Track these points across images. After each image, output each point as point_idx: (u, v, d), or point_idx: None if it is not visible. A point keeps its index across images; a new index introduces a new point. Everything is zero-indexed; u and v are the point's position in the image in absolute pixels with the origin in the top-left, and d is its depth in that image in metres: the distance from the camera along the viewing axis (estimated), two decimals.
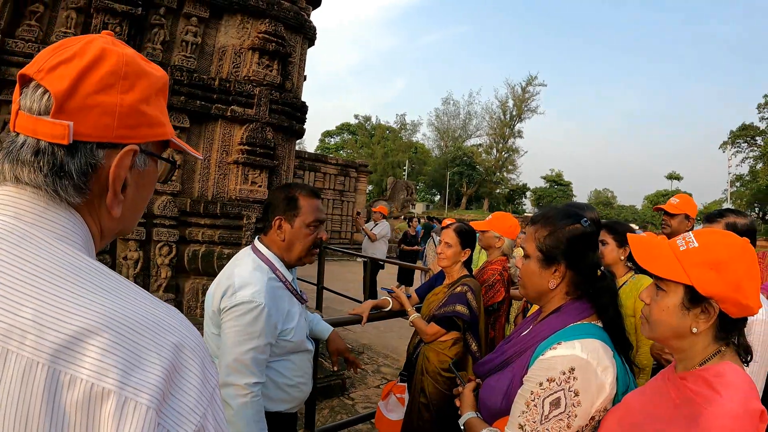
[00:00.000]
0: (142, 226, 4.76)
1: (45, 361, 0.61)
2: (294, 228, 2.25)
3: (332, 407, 5.08)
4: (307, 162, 22.05)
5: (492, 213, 4.45)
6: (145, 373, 0.64)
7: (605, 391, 1.55)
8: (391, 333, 8.18)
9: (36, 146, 0.75)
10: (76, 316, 0.64)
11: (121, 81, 0.79)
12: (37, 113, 0.75)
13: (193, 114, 5.09)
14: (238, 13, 5.35)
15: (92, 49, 0.78)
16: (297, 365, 2.33)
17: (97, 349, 0.63)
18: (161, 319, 0.71)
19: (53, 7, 4.59)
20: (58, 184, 0.75)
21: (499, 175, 67.96)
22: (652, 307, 1.41)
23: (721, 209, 2.79)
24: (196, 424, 0.67)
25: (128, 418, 0.62)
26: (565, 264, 1.76)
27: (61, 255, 0.72)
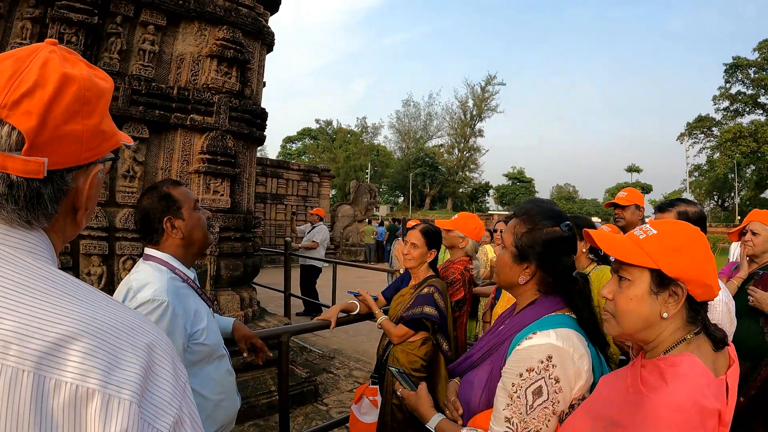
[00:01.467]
0: (105, 241, 4.67)
1: (30, 368, 0.65)
2: (186, 219, 2.14)
3: (306, 414, 5.06)
4: (269, 169, 21.91)
5: (458, 213, 4.49)
6: (125, 372, 0.69)
7: (582, 377, 1.60)
8: (360, 336, 8.19)
9: (8, 180, 0.75)
10: (56, 324, 0.68)
11: (84, 107, 0.79)
12: (7, 150, 0.74)
13: (153, 124, 5.01)
14: (195, 21, 5.30)
15: (52, 76, 0.77)
16: (214, 378, 2.14)
17: (78, 353, 0.67)
18: (133, 323, 0.76)
19: (8, 17, 4.48)
20: (31, 215, 0.77)
21: (462, 175, 68.55)
22: (618, 300, 1.40)
23: (672, 199, 2.89)
24: (173, 415, 0.72)
25: (114, 413, 0.66)
26: (536, 264, 1.80)
27: (32, 269, 0.75)
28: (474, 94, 67.48)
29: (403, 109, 76.04)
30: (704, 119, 57.76)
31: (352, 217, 24.85)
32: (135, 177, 4.93)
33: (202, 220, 2.20)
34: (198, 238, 2.18)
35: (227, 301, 5.30)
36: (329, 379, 6.22)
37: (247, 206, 5.87)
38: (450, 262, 4.05)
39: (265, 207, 21.18)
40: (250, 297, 5.67)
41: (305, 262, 10.02)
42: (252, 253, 5.87)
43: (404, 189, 69.66)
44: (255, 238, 6.17)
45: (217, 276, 5.26)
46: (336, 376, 6.40)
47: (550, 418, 1.55)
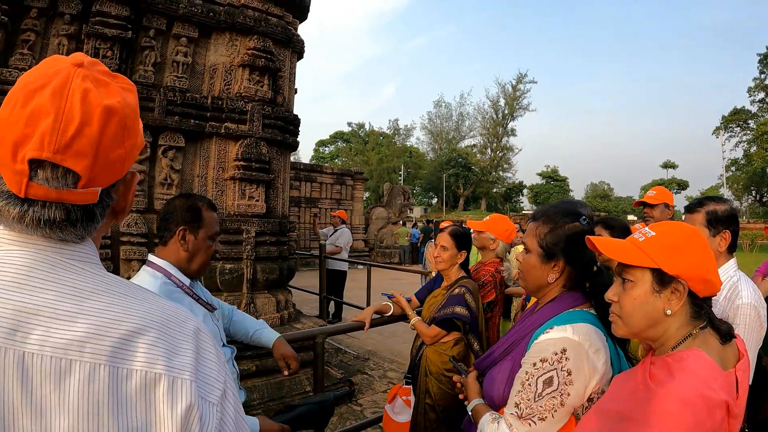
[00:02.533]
0: (144, 246, 4.84)
1: (105, 362, 0.75)
2: (198, 239, 2.20)
3: (341, 414, 5.13)
4: (302, 173, 22.09)
5: (490, 214, 4.52)
6: (183, 357, 0.81)
7: (598, 372, 1.66)
8: (395, 338, 8.23)
9: (65, 207, 0.80)
10: (122, 322, 0.78)
11: (126, 132, 0.84)
12: (63, 187, 0.78)
13: (188, 133, 5.18)
14: (226, 31, 5.45)
15: (96, 111, 0.79)
16: None
17: (144, 344, 0.78)
18: (179, 314, 0.87)
19: (44, 34, 4.68)
20: (85, 232, 0.85)
21: (495, 175, 67.90)
22: (623, 301, 1.46)
23: (700, 198, 2.86)
24: (220, 388, 0.84)
25: (179, 392, 0.78)
26: (564, 260, 1.87)
27: (90, 275, 0.83)
28: (505, 92, 66.90)
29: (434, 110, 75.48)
30: (740, 112, 56.26)
31: (386, 219, 24.91)
32: (172, 184, 5.10)
33: (210, 250, 2.26)
34: (198, 262, 2.23)
35: (263, 303, 5.41)
36: (363, 380, 6.28)
37: (282, 211, 5.99)
38: (481, 263, 4.08)
39: (299, 211, 21.31)
40: (285, 300, 5.78)
41: (332, 266, 9.95)
42: (287, 256, 5.98)
43: (438, 190, 69.27)
44: (290, 242, 6.27)
45: (253, 279, 5.38)
46: (370, 377, 6.45)
47: (558, 408, 1.62)
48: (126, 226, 4.81)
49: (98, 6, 4.68)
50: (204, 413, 0.80)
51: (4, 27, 4.47)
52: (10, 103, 0.78)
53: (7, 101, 0.78)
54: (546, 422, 1.63)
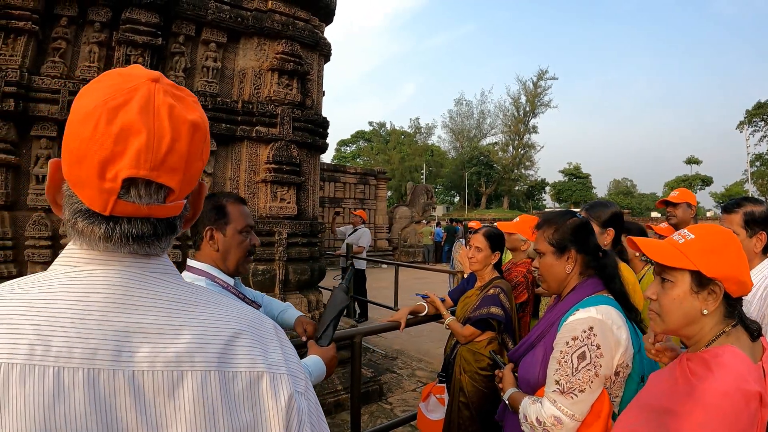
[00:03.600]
0: (178, 249, 4.95)
1: (214, 367, 0.80)
2: (227, 236, 2.15)
3: (371, 412, 5.19)
4: (326, 173, 22.15)
5: (520, 215, 4.53)
6: (275, 354, 0.88)
7: (622, 345, 1.91)
8: (422, 337, 8.26)
9: (154, 222, 0.83)
10: (221, 329, 0.84)
11: (205, 146, 0.86)
12: (156, 203, 0.80)
13: (220, 137, 5.28)
14: (254, 36, 5.54)
15: (184, 128, 0.80)
16: None
17: (244, 347, 0.84)
18: (257, 314, 0.94)
19: (75, 42, 4.79)
20: (168, 243, 0.88)
21: (517, 172, 67.22)
22: (662, 300, 1.53)
23: (737, 199, 2.86)
24: (304, 379, 0.91)
25: (280, 386, 0.85)
26: (575, 249, 2.15)
27: (177, 287, 0.87)
28: (526, 89, 66.11)
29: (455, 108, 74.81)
30: (764, 105, 54.85)
31: (410, 218, 24.94)
32: None
33: (244, 244, 2.19)
34: (233, 260, 2.18)
35: (295, 304, 5.47)
36: (393, 379, 6.34)
37: (313, 212, 6.07)
38: (513, 264, 4.09)
39: (323, 211, 21.35)
40: (317, 300, 5.84)
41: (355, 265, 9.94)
42: (318, 257, 6.06)
43: (460, 189, 68.75)
44: (320, 243, 6.35)
45: (285, 280, 5.46)
46: (399, 375, 6.51)
47: (593, 379, 1.85)
48: None
49: (128, 13, 4.79)
50: (299, 401, 0.88)
51: (35, 36, 4.58)
52: (91, 120, 0.75)
53: (86, 118, 0.76)
54: (585, 393, 1.85)
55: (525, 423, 2.00)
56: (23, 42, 4.48)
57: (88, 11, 4.77)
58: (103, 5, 4.76)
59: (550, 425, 1.88)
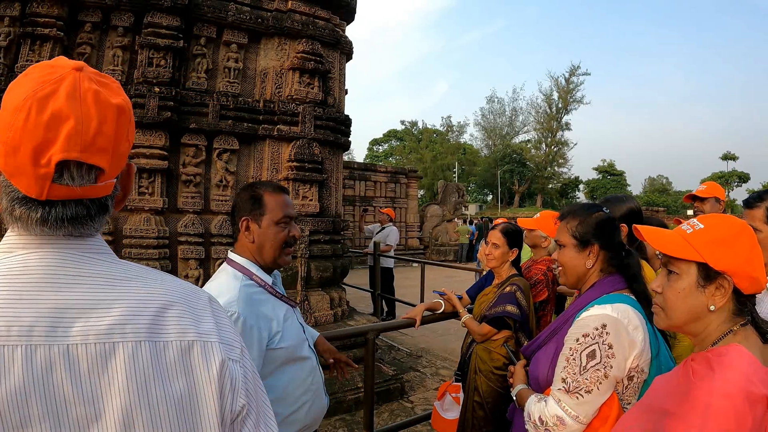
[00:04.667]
0: (201, 246, 5.04)
1: (145, 338, 0.84)
2: (262, 227, 2.08)
3: (392, 410, 5.18)
4: (356, 172, 22.22)
5: (540, 211, 4.46)
6: (206, 323, 0.92)
7: (636, 347, 1.78)
8: (447, 335, 8.22)
9: (86, 203, 0.88)
10: (150, 302, 0.88)
11: (130, 126, 0.92)
12: (87, 184, 0.85)
13: (242, 136, 5.36)
14: (275, 36, 5.60)
15: (110, 111, 0.85)
16: (295, 380, 2.07)
17: (174, 317, 0.88)
18: (192, 287, 0.98)
19: (99, 47, 4.95)
20: (100, 224, 0.93)
21: (551, 170, 66.19)
22: (667, 294, 1.43)
23: (760, 192, 2.74)
24: (239, 347, 0.96)
25: (211, 353, 0.89)
26: (598, 244, 2.05)
27: (110, 264, 0.91)
28: (558, 86, 64.86)
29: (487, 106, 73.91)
30: None
31: (441, 217, 24.84)
32: (227, 186, 5.27)
33: (280, 236, 2.10)
34: (268, 253, 2.10)
35: (317, 301, 5.52)
36: (416, 377, 6.32)
37: (336, 210, 6.10)
38: (533, 261, 4.03)
39: (354, 210, 21.43)
40: (339, 297, 5.87)
41: (383, 264, 9.87)
42: (341, 254, 6.08)
43: (492, 187, 68.15)
44: (344, 241, 6.36)
45: (307, 277, 5.50)
46: (422, 374, 6.49)
47: (602, 380, 1.75)
48: (183, 226, 5.03)
49: (150, 18, 4.92)
50: (232, 368, 0.92)
51: (61, 42, 4.76)
52: (22, 111, 0.79)
53: (17, 110, 0.80)
54: (592, 394, 1.75)
55: (528, 422, 1.93)
56: (49, 48, 4.65)
57: (111, 16, 4.92)
58: (126, 10, 4.90)
59: (552, 425, 1.81)
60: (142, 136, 4.81)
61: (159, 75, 4.92)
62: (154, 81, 4.90)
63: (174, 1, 4.92)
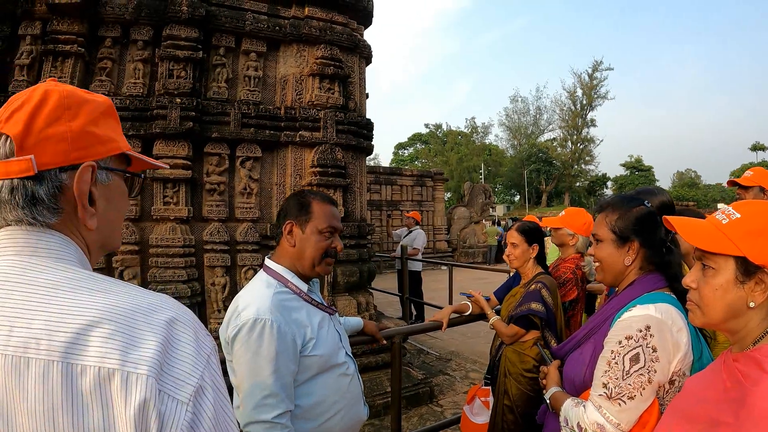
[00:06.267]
0: (227, 253, 5.08)
1: (58, 358, 0.74)
2: (305, 234, 2.07)
3: (421, 415, 5.14)
4: (382, 176, 22.26)
5: (565, 209, 4.39)
6: (142, 349, 0.76)
7: (681, 349, 1.67)
8: (478, 338, 8.15)
9: (10, 185, 0.87)
10: (77, 316, 0.77)
11: (66, 112, 0.91)
12: (5, 157, 0.87)
13: (264, 143, 5.38)
14: (293, 43, 5.63)
15: (37, 94, 0.90)
16: (331, 385, 2.05)
17: (98, 338, 0.75)
18: (152, 304, 0.83)
19: (120, 61, 5.06)
20: (34, 211, 0.88)
21: (577, 168, 65.42)
22: (703, 290, 1.30)
23: None
24: (194, 385, 0.79)
25: (132, 388, 0.74)
26: (638, 241, 1.94)
27: (57, 272, 0.85)
28: (582, 82, 64.02)
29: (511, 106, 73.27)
30: None
31: (468, 219, 24.70)
32: (252, 193, 5.30)
33: (321, 245, 2.08)
34: (307, 260, 2.08)
35: (344, 305, 5.51)
36: (445, 381, 6.28)
37: (361, 214, 6.09)
38: (561, 260, 3.96)
39: (381, 214, 21.44)
40: (366, 301, 5.85)
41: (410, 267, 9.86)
42: (367, 259, 6.06)
43: (519, 187, 67.59)
44: (369, 245, 6.34)
45: (334, 282, 5.50)
46: (452, 377, 6.45)
47: (646, 386, 1.64)
48: (209, 235, 5.07)
49: (168, 30, 5.00)
50: (166, 411, 0.76)
51: (82, 57, 4.87)
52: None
53: None
54: (635, 401, 1.64)
55: (565, 427, 1.85)
56: (71, 64, 4.76)
57: (131, 31, 5.04)
58: (145, 24, 5.00)
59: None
60: (165, 147, 4.87)
61: (180, 86, 4.97)
62: (175, 92, 4.96)
63: (192, 13, 4.99)
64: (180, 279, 4.81)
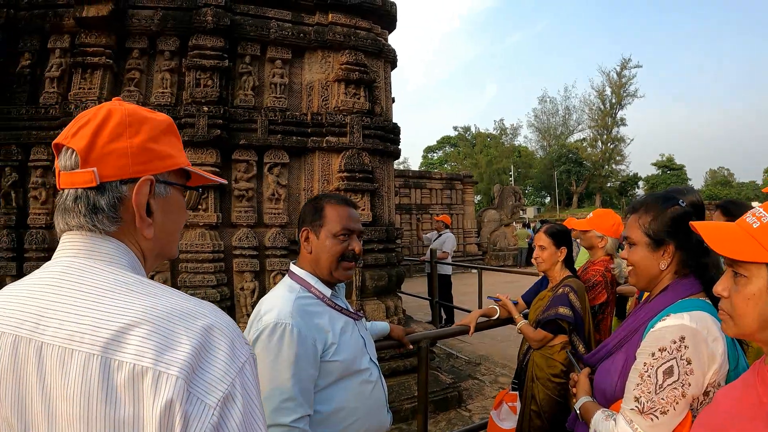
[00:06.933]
0: (255, 258, 5.15)
1: (98, 352, 0.81)
2: (320, 239, 2.05)
3: (449, 419, 5.12)
4: (411, 180, 22.29)
5: (593, 210, 4.33)
6: (176, 352, 0.81)
7: (716, 361, 1.58)
8: (508, 342, 8.06)
9: (75, 194, 0.96)
10: (120, 316, 0.84)
11: (127, 129, 0.98)
12: (70, 168, 0.96)
13: (291, 149, 5.45)
14: (318, 50, 5.69)
15: (101, 112, 0.99)
16: (352, 391, 2.02)
17: (137, 338, 0.81)
18: (191, 310, 0.89)
19: (148, 71, 5.20)
20: (95, 219, 0.96)
21: (608, 168, 64.08)
22: (735, 299, 1.21)
23: None
24: (223, 391, 0.83)
25: (162, 387, 0.79)
26: (673, 244, 1.84)
27: (109, 275, 0.92)
28: (610, 80, 62.48)
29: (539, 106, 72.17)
30: None
31: (498, 221, 24.55)
32: (280, 199, 5.37)
33: (336, 249, 2.05)
34: (323, 265, 2.06)
35: (373, 310, 5.52)
36: (474, 386, 6.24)
37: (389, 218, 6.10)
38: (590, 263, 3.90)
39: (410, 218, 21.40)
40: (395, 306, 5.85)
41: (440, 271, 9.82)
42: (395, 263, 6.07)
43: (550, 189, 66.70)
44: (398, 249, 6.34)
45: (362, 286, 5.53)
46: (481, 382, 6.40)
47: (679, 400, 1.56)
48: (238, 240, 5.15)
49: (194, 40, 5.12)
50: (192, 412, 0.80)
51: (110, 69, 5.03)
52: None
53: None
54: (668, 416, 1.57)
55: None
56: (99, 75, 4.93)
57: (158, 42, 5.18)
58: (171, 35, 5.13)
59: None
60: (194, 155, 4.96)
61: (207, 95, 5.07)
62: (202, 101, 5.06)
63: (216, 23, 5.09)
64: (209, 284, 4.89)
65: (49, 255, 1.08)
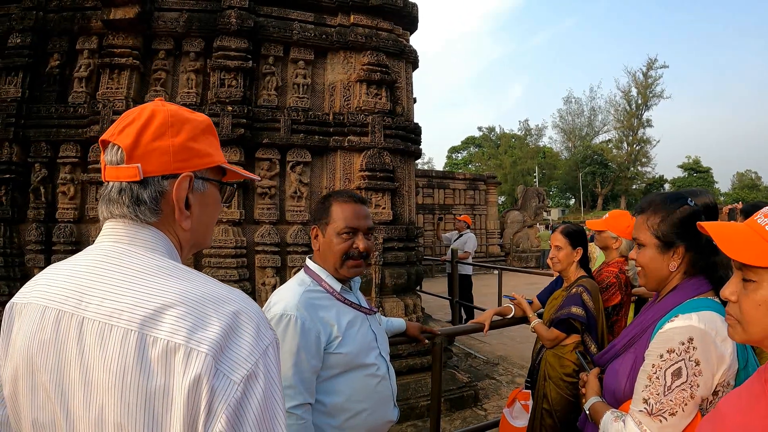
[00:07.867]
0: (277, 254, 5.27)
1: (136, 328, 0.89)
2: (326, 237, 2.08)
3: (464, 418, 5.15)
4: (435, 180, 22.28)
5: (609, 211, 4.33)
6: (207, 331, 0.89)
7: (725, 361, 1.58)
8: (526, 343, 8.02)
9: (119, 187, 1.05)
10: (157, 296, 0.92)
11: (170, 129, 1.07)
12: (116, 163, 1.05)
13: (313, 148, 5.56)
14: (340, 51, 5.79)
15: (146, 112, 1.07)
16: (356, 384, 2.05)
17: (171, 317, 0.89)
18: (223, 295, 0.96)
19: (173, 72, 5.36)
20: (138, 210, 1.04)
21: (634, 170, 62.85)
22: (744, 305, 1.16)
23: None
24: (247, 369, 0.90)
25: (192, 362, 0.87)
26: (683, 245, 1.81)
27: (148, 260, 1.01)
28: (636, 81, 61.30)
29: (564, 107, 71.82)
30: None
31: (521, 222, 24.40)
32: (302, 197, 5.47)
33: (339, 247, 2.07)
34: (329, 263, 2.10)
35: (392, 307, 5.58)
36: (491, 385, 6.26)
37: (409, 217, 6.17)
38: (604, 264, 3.90)
39: (433, 218, 21.34)
40: (414, 304, 5.90)
41: (461, 271, 9.84)
42: (415, 261, 6.13)
43: (574, 190, 65.78)
44: (418, 248, 6.39)
45: (381, 284, 5.60)
46: (498, 382, 6.42)
47: (688, 401, 1.56)
48: (260, 237, 5.28)
49: (219, 42, 5.26)
50: (218, 387, 0.87)
51: (137, 69, 5.20)
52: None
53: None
54: (677, 417, 1.57)
55: None
56: (126, 76, 5.10)
57: (183, 43, 5.35)
58: (196, 36, 5.29)
59: None
60: None
61: (231, 95, 5.20)
62: (226, 100, 5.18)
63: (240, 25, 5.21)
64: (231, 279, 5.01)
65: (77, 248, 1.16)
